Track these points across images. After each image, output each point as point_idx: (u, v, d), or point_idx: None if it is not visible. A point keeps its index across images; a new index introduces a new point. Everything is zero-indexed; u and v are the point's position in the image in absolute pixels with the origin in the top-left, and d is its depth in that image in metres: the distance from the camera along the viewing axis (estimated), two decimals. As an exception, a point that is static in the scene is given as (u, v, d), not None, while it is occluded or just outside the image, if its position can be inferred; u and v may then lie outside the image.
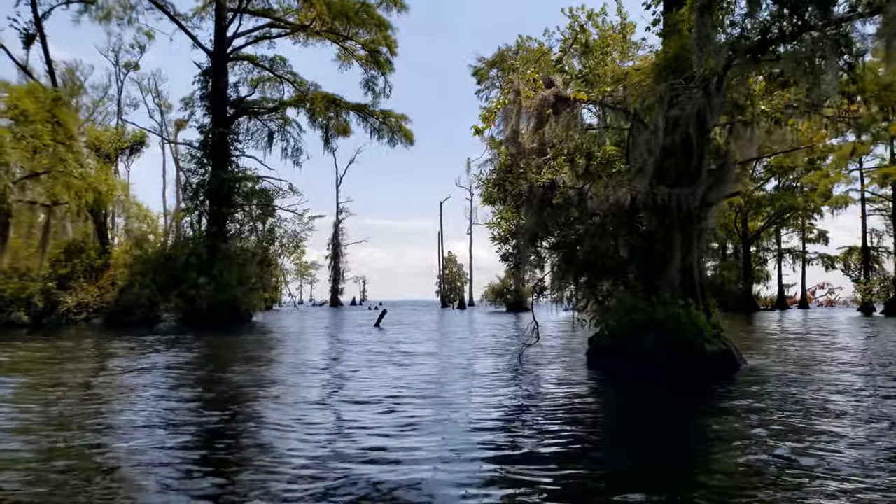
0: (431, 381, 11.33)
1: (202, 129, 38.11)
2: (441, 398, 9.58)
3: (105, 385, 11.35)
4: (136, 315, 33.37)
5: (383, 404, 9.05)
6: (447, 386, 10.73)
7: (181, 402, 9.48)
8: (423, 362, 13.94)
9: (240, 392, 10.40)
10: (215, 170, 37.04)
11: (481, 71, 68.84)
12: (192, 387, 11.11)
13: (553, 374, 11.91)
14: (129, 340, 22.98)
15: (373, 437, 7.13)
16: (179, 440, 7.13)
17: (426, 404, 9.00)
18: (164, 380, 11.87)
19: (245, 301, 35.17)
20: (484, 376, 11.76)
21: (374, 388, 10.50)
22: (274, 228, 41.68)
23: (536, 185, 11.51)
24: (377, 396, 9.66)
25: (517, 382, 11.08)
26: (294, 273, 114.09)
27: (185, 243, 35.47)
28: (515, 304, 66.46)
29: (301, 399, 9.58)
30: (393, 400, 9.36)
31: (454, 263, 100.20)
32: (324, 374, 12.31)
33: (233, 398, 9.79)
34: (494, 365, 13.33)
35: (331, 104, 41.91)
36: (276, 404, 9.26)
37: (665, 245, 11.57)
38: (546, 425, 7.73)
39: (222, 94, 38.35)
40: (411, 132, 44.22)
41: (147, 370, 13.33)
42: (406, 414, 8.33)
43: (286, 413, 8.51)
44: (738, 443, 6.90)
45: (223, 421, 8.13)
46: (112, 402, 9.58)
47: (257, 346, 20.49)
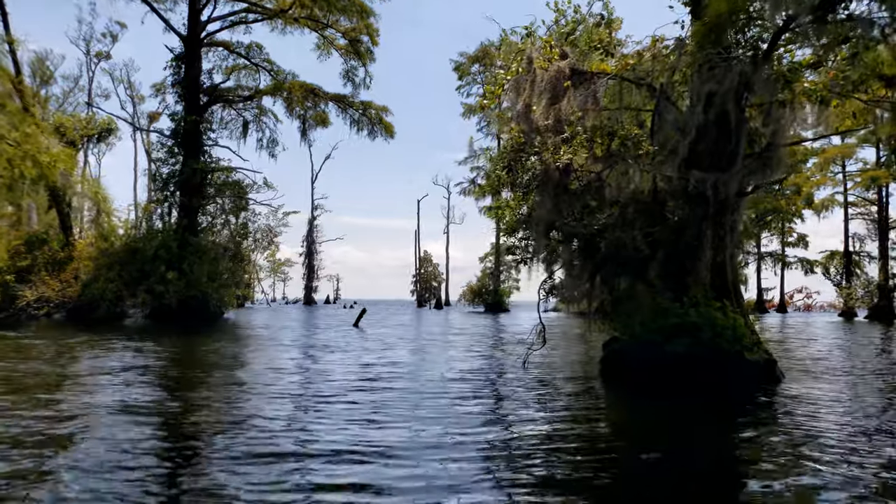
0: (434, 402, 9.91)
1: (174, 117, 36.28)
2: (445, 432, 8.15)
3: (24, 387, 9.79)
4: (101, 311, 31.51)
5: (372, 451, 7.55)
6: (453, 408, 9.32)
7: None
8: (416, 374, 12.54)
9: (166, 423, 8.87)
10: (187, 160, 35.23)
11: (462, 66, 67.84)
12: (113, 406, 9.59)
13: (567, 390, 10.52)
14: (84, 338, 21.26)
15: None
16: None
17: (428, 446, 7.45)
18: (80, 391, 10.32)
19: (216, 297, 33.42)
20: (491, 395, 10.37)
21: (357, 421, 8.22)
22: (247, 223, 39.99)
23: (553, 168, 10.14)
24: (363, 443, 8.12)
25: (527, 401, 9.69)
26: (267, 270, 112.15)
27: (153, 236, 33.61)
28: (494, 304, 65.31)
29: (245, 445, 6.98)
30: (383, 442, 7.83)
31: (429, 263, 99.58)
32: (293, 397, 9.85)
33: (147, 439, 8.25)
34: (499, 378, 12.00)
35: (309, 94, 40.24)
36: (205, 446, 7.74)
37: (695, 239, 10.25)
38: (571, 465, 6.36)
39: (195, 81, 36.53)
40: (392, 125, 42.77)
41: (80, 375, 11.77)
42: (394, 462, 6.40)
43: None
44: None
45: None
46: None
47: (222, 351, 18.90)
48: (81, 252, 33.53)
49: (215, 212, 37.06)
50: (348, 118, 42.30)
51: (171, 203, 35.65)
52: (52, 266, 33.41)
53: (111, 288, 31.29)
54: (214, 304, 33.77)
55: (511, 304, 70.23)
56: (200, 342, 20.60)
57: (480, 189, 11.23)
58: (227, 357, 15.53)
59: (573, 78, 10.66)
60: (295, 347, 18.62)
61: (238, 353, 16.98)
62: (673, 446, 7.02)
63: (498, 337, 24.89)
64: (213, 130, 37.66)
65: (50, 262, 33.48)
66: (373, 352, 16.71)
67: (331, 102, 41.64)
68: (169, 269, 32.05)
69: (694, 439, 7.36)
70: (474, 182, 68.02)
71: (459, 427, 7.46)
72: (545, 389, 10.39)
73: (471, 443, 6.75)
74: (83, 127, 37.38)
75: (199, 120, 35.88)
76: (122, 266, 31.87)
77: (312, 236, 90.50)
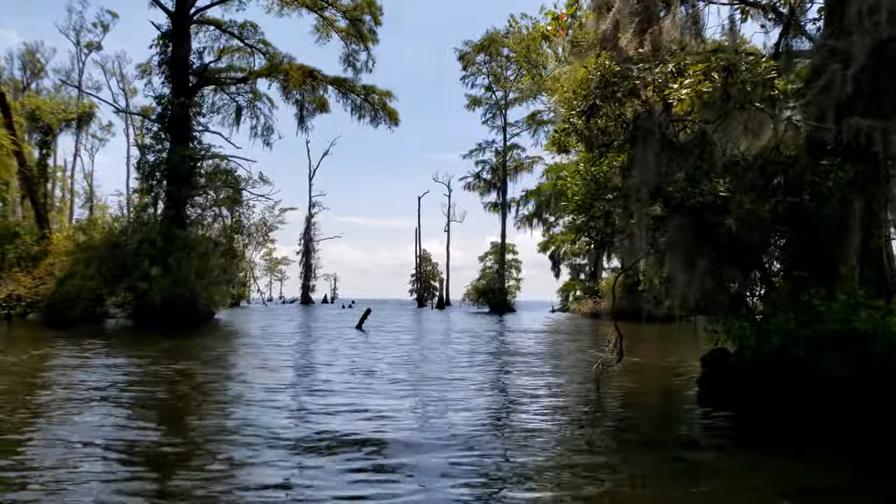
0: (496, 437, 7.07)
1: (160, 100, 33.28)
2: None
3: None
4: (77, 310, 28.52)
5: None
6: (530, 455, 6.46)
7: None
8: (460, 396, 9.69)
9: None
10: (174, 146, 32.24)
11: (467, 56, 64.79)
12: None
13: (680, 435, 7.67)
14: (46, 345, 18.37)
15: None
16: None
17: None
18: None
19: (205, 296, 30.40)
20: (569, 430, 7.54)
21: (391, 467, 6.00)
22: (241, 216, 37.04)
23: (658, 111, 7.24)
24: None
25: (625, 447, 6.86)
26: (263, 268, 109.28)
27: (136, 228, 30.61)
28: (500, 304, 62.39)
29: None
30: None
31: (428, 262, 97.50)
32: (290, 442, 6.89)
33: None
34: (572, 404, 9.23)
35: (307, 77, 37.24)
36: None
37: (841, 216, 7.38)
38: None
39: (184, 61, 33.54)
40: (396, 111, 39.80)
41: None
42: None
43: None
44: None
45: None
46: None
47: (205, 361, 16.00)
48: (58, 246, 30.53)
49: (205, 203, 34.08)
50: (349, 104, 39.35)
51: (157, 193, 32.64)
52: (26, 261, 30.44)
53: (89, 286, 28.29)
54: (204, 303, 30.77)
55: (516, 304, 67.43)
56: (182, 351, 17.71)
57: (552, 141, 8.17)
58: (209, 377, 12.64)
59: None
60: (292, 367, 15.65)
61: (225, 370, 14.07)
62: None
63: (544, 345, 22.13)
64: (203, 115, 34.72)
65: (23, 258, 30.51)
66: (398, 377, 13.08)
67: (330, 87, 38.67)
68: (153, 264, 29.08)
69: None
70: (479, 176, 65.11)
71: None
72: (634, 434, 7.58)
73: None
74: (61, 111, 34.36)
75: (188, 103, 32.89)
76: (102, 261, 28.86)
77: (310, 234, 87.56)
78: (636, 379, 11.84)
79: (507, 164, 63.51)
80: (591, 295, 51.90)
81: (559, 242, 73.65)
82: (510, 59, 61.47)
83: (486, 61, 63.37)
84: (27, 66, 69.01)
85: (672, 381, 11.94)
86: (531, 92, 52.58)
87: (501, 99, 63.57)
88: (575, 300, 61.52)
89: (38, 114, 33.05)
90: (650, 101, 7.31)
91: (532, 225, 63.30)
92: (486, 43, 61.98)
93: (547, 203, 60.55)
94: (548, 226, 68.32)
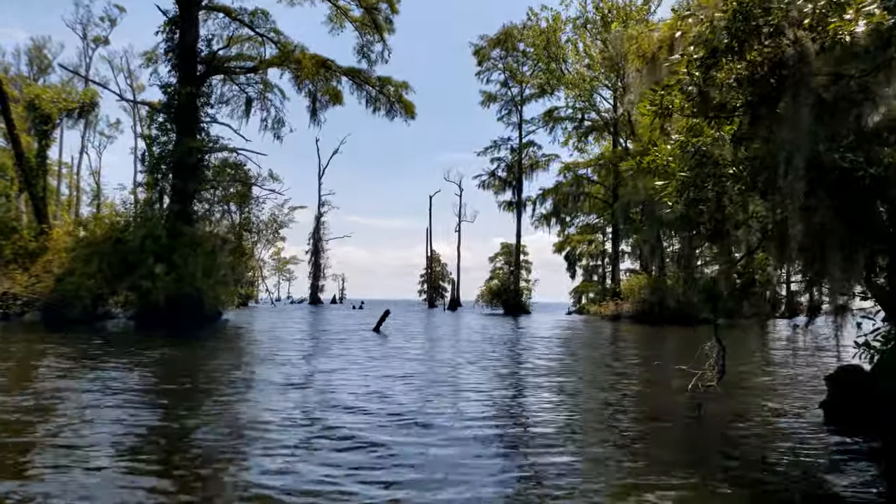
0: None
1: (166, 89, 31.61)
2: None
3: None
4: (77, 310, 26.87)
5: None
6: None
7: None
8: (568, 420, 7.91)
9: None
10: (181, 137, 30.57)
11: (482, 50, 62.94)
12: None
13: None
14: (32, 345, 16.72)
15: None
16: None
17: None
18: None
19: (211, 296, 28.69)
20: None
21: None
22: (251, 211, 35.31)
23: (813, 54, 5.48)
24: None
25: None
26: (272, 268, 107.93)
27: (139, 224, 28.92)
28: (514, 305, 60.55)
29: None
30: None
31: (437, 262, 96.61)
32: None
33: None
34: (680, 439, 7.44)
35: (320, 67, 35.50)
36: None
37: None
38: None
39: (191, 49, 31.86)
40: (412, 104, 38.02)
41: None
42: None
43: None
44: None
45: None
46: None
47: (209, 372, 14.25)
48: (57, 242, 28.86)
49: (213, 198, 32.38)
50: (364, 96, 37.60)
51: (162, 187, 30.95)
52: (23, 258, 28.81)
53: (88, 284, 26.61)
54: (210, 303, 29.07)
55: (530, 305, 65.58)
56: (181, 362, 16.03)
57: (648, 103, 6.27)
58: (213, 395, 10.93)
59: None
60: (307, 385, 13.87)
61: (243, 405, 12.35)
62: None
63: (601, 354, 20.31)
64: (210, 105, 33.02)
65: (20, 254, 28.88)
66: (443, 390, 10.99)
67: (344, 78, 36.92)
68: (157, 262, 27.40)
69: None
70: (494, 174, 63.23)
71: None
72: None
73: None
74: (62, 100, 32.69)
75: (195, 92, 31.19)
76: (103, 258, 27.18)
77: (319, 233, 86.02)
78: (741, 400, 9.90)
79: (522, 162, 61.58)
80: (612, 297, 49.94)
81: (575, 243, 71.87)
82: (527, 54, 59.71)
83: (502, 56, 61.49)
84: (34, 61, 67.77)
85: (778, 400, 10.01)
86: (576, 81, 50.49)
87: (517, 95, 61.65)
88: (592, 302, 59.63)
89: (37, 103, 31.40)
90: (802, 41, 5.53)
91: (550, 224, 61.37)
92: (503, 37, 60.16)
93: (564, 201, 58.73)
94: (563, 225, 66.50)
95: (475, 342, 21.92)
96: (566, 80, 49.80)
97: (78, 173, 76.21)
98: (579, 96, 50.55)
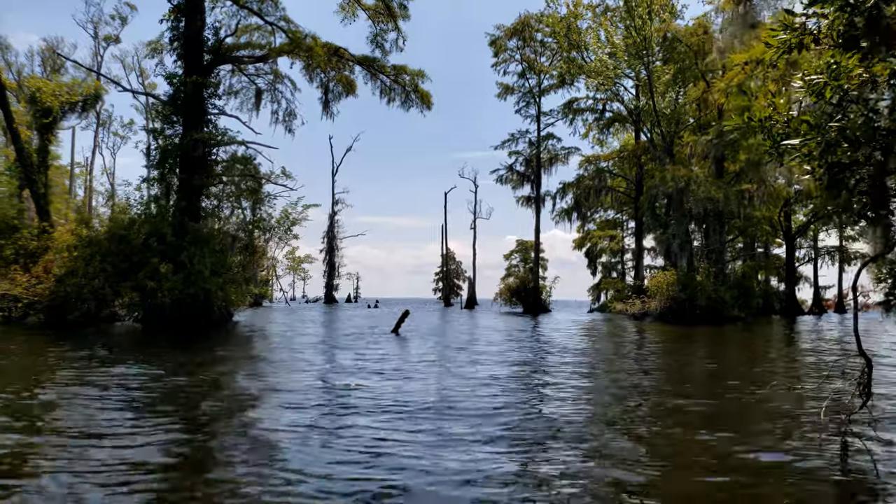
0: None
1: (171, 80, 30.08)
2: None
3: None
4: (79, 312, 25.42)
5: None
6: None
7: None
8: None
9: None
10: (187, 129, 29.03)
11: (498, 40, 61.10)
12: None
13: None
14: (20, 347, 15.25)
15: None
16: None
17: None
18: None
19: (221, 296, 27.13)
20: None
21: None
22: (262, 206, 33.73)
23: None
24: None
25: None
26: (286, 267, 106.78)
27: (144, 220, 27.40)
28: (534, 304, 58.64)
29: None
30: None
31: (452, 261, 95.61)
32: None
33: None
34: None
35: (332, 56, 33.87)
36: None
37: None
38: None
39: (197, 37, 30.32)
40: (429, 94, 36.27)
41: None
42: None
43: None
44: None
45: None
46: None
47: (202, 393, 12.63)
48: (60, 241, 27.40)
49: (221, 193, 30.84)
50: (378, 86, 35.92)
51: (169, 182, 29.42)
52: (24, 257, 27.39)
53: (90, 285, 25.13)
54: (220, 304, 27.51)
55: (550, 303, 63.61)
56: (189, 366, 14.48)
57: (780, 21, 4.51)
58: (216, 421, 9.33)
59: None
60: (326, 399, 12.15)
61: (244, 402, 10.74)
62: None
63: (666, 360, 18.53)
64: (218, 97, 31.41)
65: (21, 254, 27.47)
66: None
67: (358, 67, 35.27)
68: (164, 260, 25.87)
69: None
70: (512, 168, 61.33)
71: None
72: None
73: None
74: (64, 93, 31.23)
75: (202, 82, 29.63)
76: (105, 257, 25.68)
77: (333, 232, 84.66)
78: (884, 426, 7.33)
79: (541, 156, 59.67)
80: (639, 294, 48.05)
81: (596, 238, 70.00)
82: (545, 44, 57.87)
83: (519, 47, 59.57)
84: (46, 62, 66.68)
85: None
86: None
87: (535, 86, 59.74)
88: (616, 299, 57.75)
89: (38, 96, 29.97)
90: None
91: (571, 219, 59.50)
92: (519, 26, 58.24)
93: (586, 195, 56.87)
94: (584, 220, 64.68)
95: (522, 345, 20.23)
96: (588, 67, 47.88)
97: (90, 173, 75.35)
98: (602, 85, 48.60)
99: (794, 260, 64.04)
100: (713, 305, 40.07)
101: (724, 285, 41.92)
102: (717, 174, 43.72)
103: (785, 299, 61.71)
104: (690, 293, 40.45)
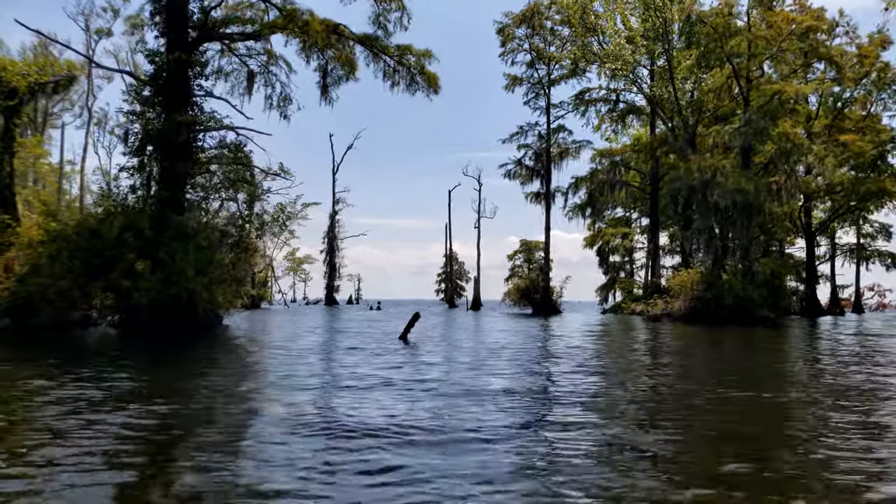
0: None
1: (153, 58, 27.08)
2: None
3: None
4: (45, 316, 22.48)
5: None
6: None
7: None
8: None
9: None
10: (169, 112, 26.03)
11: (506, 28, 58.05)
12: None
13: None
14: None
15: None
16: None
17: None
18: None
19: (206, 297, 24.12)
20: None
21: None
22: (253, 201, 30.75)
23: None
24: None
25: None
26: (285, 268, 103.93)
27: (119, 213, 24.40)
28: (544, 304, 55.50)
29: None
30: None
31: (455, 261, 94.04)
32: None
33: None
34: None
35: (331, 33, 30.79)
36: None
37: None
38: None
39: (182, 10, 27.30)
40: (436, 76, 33.13)
41: None
42: None
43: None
44: None
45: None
46: None
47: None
48: (24, 237, 24.41)
49: (208, 183, 27.82)
50: (381, 68, 32.82)
51: (148, 170, 26.38)
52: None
53: (57, 285, 22.15)
54: (205, 305, 24.53)
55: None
56: (149, 384, 11.49)
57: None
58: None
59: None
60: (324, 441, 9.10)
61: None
62: None
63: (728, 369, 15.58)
64: (205, 77, 28.37)
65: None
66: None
67: (358, 46, 32.18)
68: (141, 257, 22.89)
69: None
70: (521, 163, 58.22)
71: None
72: None
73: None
74: (33, 73, 28.21)
75: (187, 60, 26.62)
76: (74, 254, 22.70)
77: (334, 232, 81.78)
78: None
79: (550, 150, 56.61)
80: (658, 293, 45.06)
81: (608, 236, 67.08)
82: (555, 32, 54.89)
83: (528, 35, 56.51)
84: (38, 57, 63.73)
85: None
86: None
87: (545, 76, 56.70)
88: (630, 300, 54.81)
89: (2, 75, 26.96)
90: None
91: (584, 215, 56.50)
92: (528, 13, 55.17)
93: (600, 190, 53.87)
94: (597, 217, 61.80)
95: (557, 353, 17.30)
96: (605, 52, 44.88)
97: (82, 171, 72.53)
98: (619, 71, 45.60)
99: (814, 258, 61.21)
100: (741, 305, 37.18)
101: (752, 284, 38.91)
102: (743, 165, 40.68)
103: (805, 299, 58.98)
104: (717, 292, 37.56)
